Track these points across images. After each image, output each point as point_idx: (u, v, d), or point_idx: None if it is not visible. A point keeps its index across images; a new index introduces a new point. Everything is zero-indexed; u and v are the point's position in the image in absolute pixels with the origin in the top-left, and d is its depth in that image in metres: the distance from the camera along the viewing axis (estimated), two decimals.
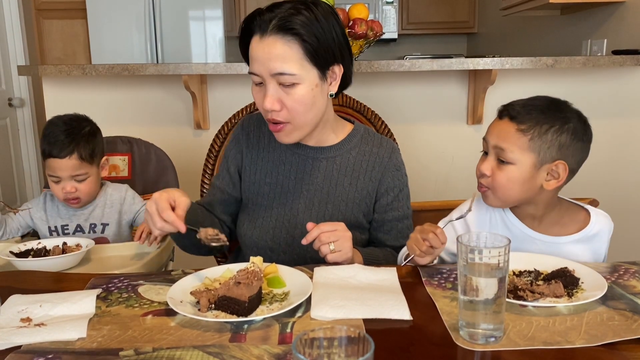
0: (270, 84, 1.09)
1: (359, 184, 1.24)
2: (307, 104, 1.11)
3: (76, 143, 1.41)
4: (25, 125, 3.91)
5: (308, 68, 1.09)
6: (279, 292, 0.96)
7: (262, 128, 1.28)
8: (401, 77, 2.37)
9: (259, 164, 1.27)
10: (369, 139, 1.28)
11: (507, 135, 1.09)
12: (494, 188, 1.12)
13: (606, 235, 1.17)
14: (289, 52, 1.07)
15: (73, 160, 1.40)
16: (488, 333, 0.78)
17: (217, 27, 3.96)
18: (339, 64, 1.15)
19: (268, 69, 1.08)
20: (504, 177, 1.10)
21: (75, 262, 1.19)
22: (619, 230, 2.58)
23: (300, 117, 1.12)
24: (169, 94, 2.38)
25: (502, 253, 0.77)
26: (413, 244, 1.04)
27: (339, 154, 1.25)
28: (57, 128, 1.42)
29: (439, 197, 2.41)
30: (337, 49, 1.13)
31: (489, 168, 1.11)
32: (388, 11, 4.62)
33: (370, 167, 1.25)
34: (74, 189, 1.42)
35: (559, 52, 3.43)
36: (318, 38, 1.08)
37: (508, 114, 1.10)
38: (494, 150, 1.11)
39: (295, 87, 1.09)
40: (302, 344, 0.57)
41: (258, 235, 1.24)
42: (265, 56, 1.07)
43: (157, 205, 1.00)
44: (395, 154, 1.29)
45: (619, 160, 2.45)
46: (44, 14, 4.13)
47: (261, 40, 1.08)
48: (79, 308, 0.89)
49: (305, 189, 1.24)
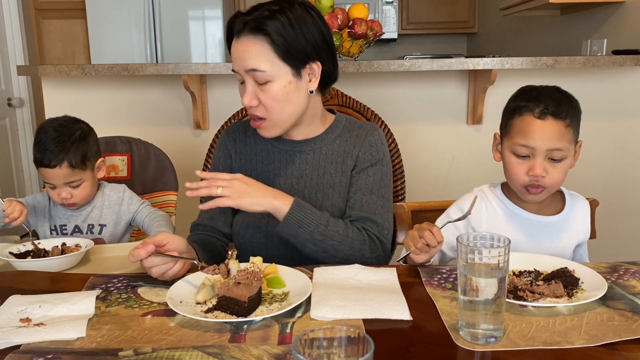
0: (248, 81, 1.15)
1: (343, 167, 1.25)
2: (281, 100, 1.15)
3: (66, 151, 1.39)
4: (24, 126, 3.90)
5: (280, 65, 1.13)
6: (279, 292, 0.96)
7: (247, 132, 1.32)
8: (401, 77, 2.37)
9: (249, 166, 1.30)
10: (351, 126, 1.30)
11: (559, 135, 1.10)
12: (550, 187, 1.14)
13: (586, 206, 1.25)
14: (260, 50, 1.12)
15: (64, 169, 1.39)
16: (488, 333, 0.78)
17: (216, 27, 3.96)
18: (316, 61, 1.17)
19: (243, 66, 1.14)
20: (560, 173, 1.13)
21: (75, 262, 1.19)
22: (619, 230, 2.58)
23: (277, 113, 1.16)
24: (169, 94, 2.38)
25: (502, 253, 0.77)
26: (409, 241, 1.04)
27: (324, 144, 1.27)
28: (47, 136, 1.40)
29: (438, 197, 2.41)
30: (312, 47, 1.16)
31: (544, 170, 1.11)
32: (388, 11, 4.61)
33: (351, 148, 1.26)
34: (69, 195, 1.42)
35: (559, 52, 3.43)
36: (286, 38, 1.12)
37: (549, 112, 1.10)
38: (546, 153, 1.11)
39: (268, 84, 1.14)
40: (301, 344, 0.56)
41: (252, 233, 1.25)
42: (240, 54, 1.14)
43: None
44: (374, 132, 1.28)
45: (619, 160, 2.45)
46: (43, 14, 4.12)
47: (237, 40, 1.15)
48: (79, 308, 0.89)
49: (295, 183, 1.25)
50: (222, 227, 1.30)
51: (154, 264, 0.99)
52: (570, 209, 1.21)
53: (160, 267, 1.00)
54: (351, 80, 2.29)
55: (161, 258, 0.99)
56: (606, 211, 1.66)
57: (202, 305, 0.91)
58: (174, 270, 1.01)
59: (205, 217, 1.30)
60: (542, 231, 1.18)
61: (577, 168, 1.20)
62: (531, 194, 1.14)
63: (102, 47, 3.93)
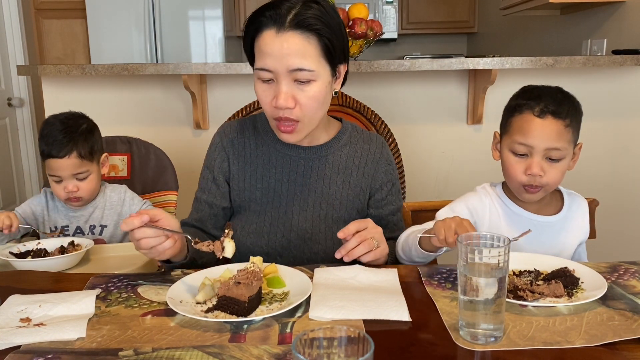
0: (284, 80, 1.07)
1: (352, 181, 1.24)
2: (320, 101, 1.10)
3: (74, 141, 1.40)
4: (24, 125, 3.91)
5: (323, 64, 1.09)
6: (279, 292, 0.96)
7: (245, 133, 1.26)
8: (401, 77, 2.37)
9: (248, 170, 1.24)
10: (358, 136, 1.28)
11: (558, 134, 1.10)
12: (547, 186, 1.14)
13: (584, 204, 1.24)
14: (308, 48, 1.06)
15: (73, 159, 1.39)
16: (488, 333, 0.78)
17: (216, 27, 3.96)
18: (345, 62, 1.16)
19: (286, 65, 1.05)
20: (557, 173, 1.12)
21: (75, 262, 1.19)
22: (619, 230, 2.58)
23: (312, 114, 1.11)
24: (169, 93, 2.38)
25: (502, 253, 0.77)
26: (443, 229, 1.00)
27: (330, 152, 1.24)
28: (54, 127, 1.41)
29: (439, 197, 2.41)
30: (346, 46, 1.14)
31: (541, 169, 1.11)
32: (388, 11, 4.61)
33: (363, 164, 1.25)
34: (76, 188, 1.42)
35: (559, 52, 3.43)
36: (331, 36, 1.08)
37: (549, 111, 1.10)
38: (544, 152, 1.11)
39: (310, 83, 1.08)
40: (301, 344, 0.56)
41: (252, 241, 1.21)
42: (283, 51, 1.04)
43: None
44: (385, 149, 1.29)
45: (618, 160, 2.45)
46: (43, 14, 4.13)
47: (278, 35, 1.05)
48: (79, 308, 0.89)
49: (298, 191, 1.23)
50: (211, 230, 1.27)
51: (146, 235, 0.95)
52: (569, 209, 1.21)
53: (151, 239, 0.96)
54: (351, 80, 2.28)
55: (154, 230, 0.96)
56: (606, 211, 1.66)
57: (202, 305, 0.91)
58: (165, 246, 0.97)
59: (195, 218, 1.27)
60: (542, 231, 1.18)
61: (577, 168, 1.20)
62: (528, 194, 1.15)
63: (102, 47, 3.93)
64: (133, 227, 0.94)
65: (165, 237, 0.97)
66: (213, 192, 1.26)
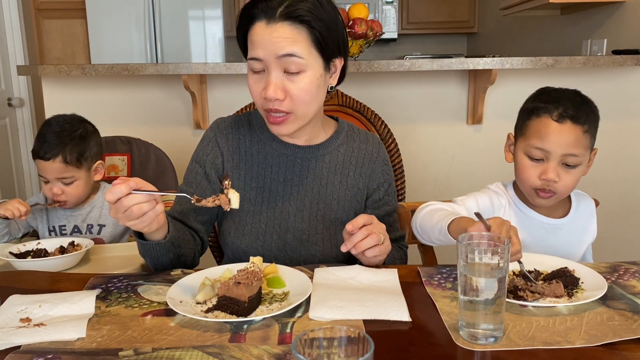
0: (274, 70, 1.05)
1: (349, 181, 1.23)
2: (312, 93, 1.08)
3: (62, 146, 1.40)
4: (24, 125, 3.90)
5: (315, 55, 1.07)
6: (279, 292, 0.96)
7: (240, 130, 1.23)
8: (401, 77, 2.37)
9: (242, 168, 1.21)
10: (354, 135, 1.27)
11: (576, 140, 1.08)
12: (560, 192, 1.11)
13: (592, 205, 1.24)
14: (298, 36, 1.04)
15: (57, 163, 1.39)
16: (488, 333, 0.78)
17: (216, 27, 3.95)
18: (341, 57, 1.14)
19: (274, 51, 1.03)
20: (572, 179, 1.10)
21: (75, 262, 1.19)
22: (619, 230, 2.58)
23: (303, 107, 1.08)
24: (169, 93, 2.38)
25: (502, 253, 0.77)
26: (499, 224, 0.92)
27: (327, 152, 1.23)
28: (49, 129, 1.42)
29: (439, 197, 2.40)
30: (341, 40, 1.12)
31: (556, 175, 1.09)
32: (388, 11, 4.61)
33: (360, 164, 1.24)
34: (61, 192, 1.42)
35: (559, 52, 3.43)
36: (326, 27, 1.07)
37: (568, 115, 1.08)
38: (561, 158, 1.09)
39: (300, 74, 1.05)
40: (301, 344, 0.56)
41: (247, 243, 1.18)
42: (272, 39, 1.03)
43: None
44: (382, 149, 1.29)
45: (619, 160, 2.45)
46: (43, 14, 4.12)
47: (268, 26, 1.04)
48: (79, 308, 0.89)
49: (295, 191, 1.20)
50: (193, 223, 1.20)
51: (138, 200, 0.89)
52: (576, 210, 1.20)
53: (144, 205, 0.90)
54: (351, 80, 2.28)
55: (145, 194, 0.88)
56: (606, 211, 1.66)
57: (202, 305, 0.91)
58: (157, 210, 0.93)
59: (177, 210, 1.21)
60: (551, 234, 1.17)
61: None
62: (540, 198, 1.13)
63: (102, 47, 3.92)
64: (121, 195, 0.88)
65: (155, 202, 0.93)
66: (203, 187, 1.21)
